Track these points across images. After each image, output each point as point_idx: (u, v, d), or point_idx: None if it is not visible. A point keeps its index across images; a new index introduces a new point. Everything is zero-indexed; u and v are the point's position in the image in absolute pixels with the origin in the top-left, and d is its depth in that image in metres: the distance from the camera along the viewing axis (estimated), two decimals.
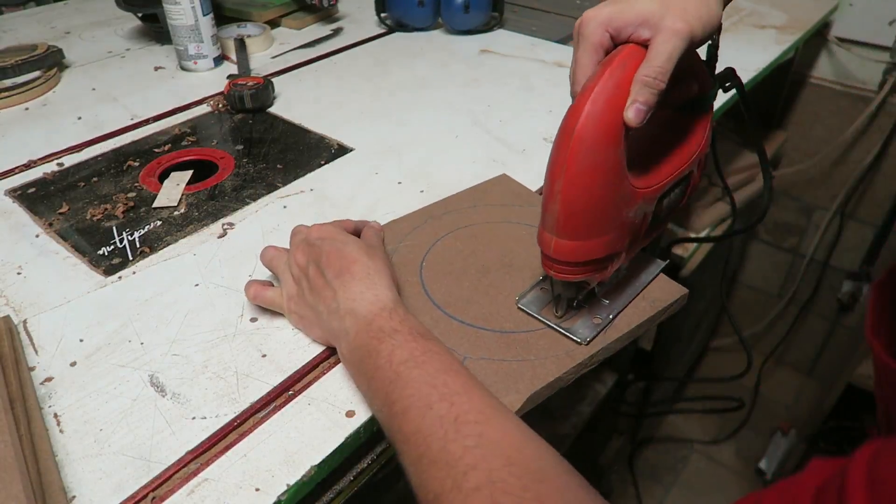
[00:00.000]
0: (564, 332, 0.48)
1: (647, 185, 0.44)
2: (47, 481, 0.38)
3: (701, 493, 1.54)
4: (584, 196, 0.40)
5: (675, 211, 0.50)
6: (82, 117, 0.82)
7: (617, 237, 0.43)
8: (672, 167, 0.46)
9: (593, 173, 0.39)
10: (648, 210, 0.45)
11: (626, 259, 0.47)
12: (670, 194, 0.47)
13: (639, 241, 0.48)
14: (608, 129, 0.38)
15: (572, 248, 0.42)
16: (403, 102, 0.85)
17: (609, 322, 0.49)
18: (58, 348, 0.49)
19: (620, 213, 0.42)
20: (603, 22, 0.41)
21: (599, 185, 0.40)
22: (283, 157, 0.73)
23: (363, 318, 0.42)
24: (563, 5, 1.21)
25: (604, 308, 0.50)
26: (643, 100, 0.38)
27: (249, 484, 0.39)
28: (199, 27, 0.89)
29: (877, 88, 1.31)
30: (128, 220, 0.63)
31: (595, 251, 0.42)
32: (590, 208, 0.40)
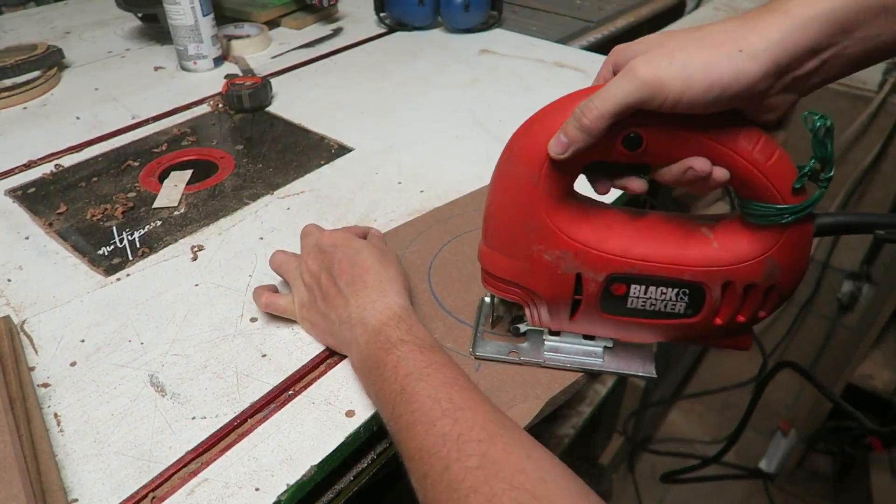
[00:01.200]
0: (474, 335, 0.48)
1: (586, 243, 0.39)
2: (47, 481, 0.38)
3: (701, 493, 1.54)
4: (495, 202, 0.40)
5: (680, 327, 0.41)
6: (82, 117, 0.82)
7: (527, 270, 0.41)
8: (653, 254, 0.38)
9: (507, 184, 0.39)
10: (588, 275, 0.40)
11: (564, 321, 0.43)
12: (646, 286, 0.39)
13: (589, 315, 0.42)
14: (533, 148, 0.37)
15: (491, 258, 0.42)
16: (403, 102, 0.85)
17: (516, 362, 0.47)
18: (58, 348, 0.49)
19: (530, 245, 0.39)
20: (613, 54, 0.37)
21: (510, 199, 0.39)
22: (282, 157, 0.73)
23: (372, 328, 0.42)
24: (563, 5, 1.21)
25: (533, 353, 0.47)
26: (567, 132, 0.35)
27: (249, 484, 0.39)
28: (198, 27, 0.89)
29: (877, 88, 1.31)
30: (128, 220, 0.63)
31: (502, 268, 0.42)
32: (498, 217, 0.41)
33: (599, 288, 0.40)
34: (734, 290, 0.38)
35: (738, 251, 0.37)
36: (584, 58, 0.98)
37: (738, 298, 0.39)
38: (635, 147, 0.35)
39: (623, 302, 0.40)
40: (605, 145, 0.35)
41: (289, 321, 0.51)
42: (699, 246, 0.38)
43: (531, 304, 0.43)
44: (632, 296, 0.40)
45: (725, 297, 0.39)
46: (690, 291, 0.39)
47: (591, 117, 0.34)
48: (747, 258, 0.37)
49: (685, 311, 0.40)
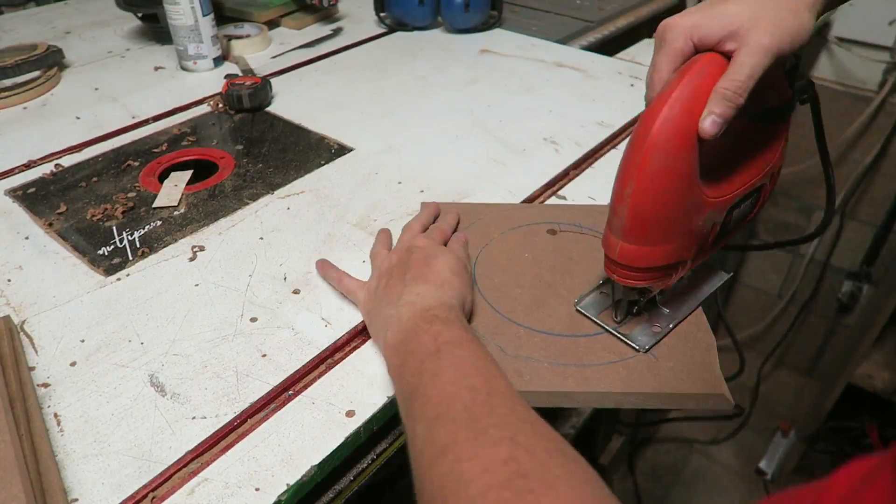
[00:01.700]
0: (622, 338, 0.48)
1: (718, 195, 0.43)
2: (47, 481, 0.38)
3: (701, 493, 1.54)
4: (654, 201, 0.40)
5: (745, 223, 0.49)
6: (82, 117, 0.82)
7: (684, 245, 0.42)
8: (745, 178, 0.45)
9: (666, 179, 0.39)
10: (718, 220, 0.44)
11: (691, 267, 0.46)
12: (741, 205, 0.46)
13: (705, 251, 0.46)
14: (683, 135, 0.38)
15: (638, 253, 0.42)
16: (403, 102, 0.85)
17: (668, 331, 0.48)
18: (58, 348, 0.49)
19: (690, 222, 0.41)
20: (687, 29, 0.39)
21: (671, 191, 0.39)
22: (283, 157, 0.73)
23: (419, 308, 0.43)
24: (563, 5, 1.21)
25: (664, 317, 0.49)
26: (720, 112, 0.37)
27: (249, 484, 0.39)
28: (198, 27, 0.89)
29: (877, 88, 1.31)
30: (128, 220, 0.63)
31: (662, 258, 0.42)
32: (659, 214, 0.40)
33: (720, 226, 0.45)
34: (774, 176, 0.47)
35: (774, 148, 0.46)
36: (584, 58, 0.98)
37: (773, 181, 0.48)
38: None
39: (727, 228, 0.46)
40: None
41: (289, 321, 0.51)
42: (755, 159, 0.46)
43: (673, 274, 0.45)
44: (734, 219, 0.46)
45: (770, 185, 0.48)
46: (758, 192, 0.47)
47: (742, 93, 0.37)
48: (779, 149, 0.46)
49: (751, 209, 0.48)
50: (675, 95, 0.38)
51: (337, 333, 0.50)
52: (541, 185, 0.67)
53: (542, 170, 0.70)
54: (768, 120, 0.46)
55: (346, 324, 0.50)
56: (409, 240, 0.52)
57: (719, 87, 0.37)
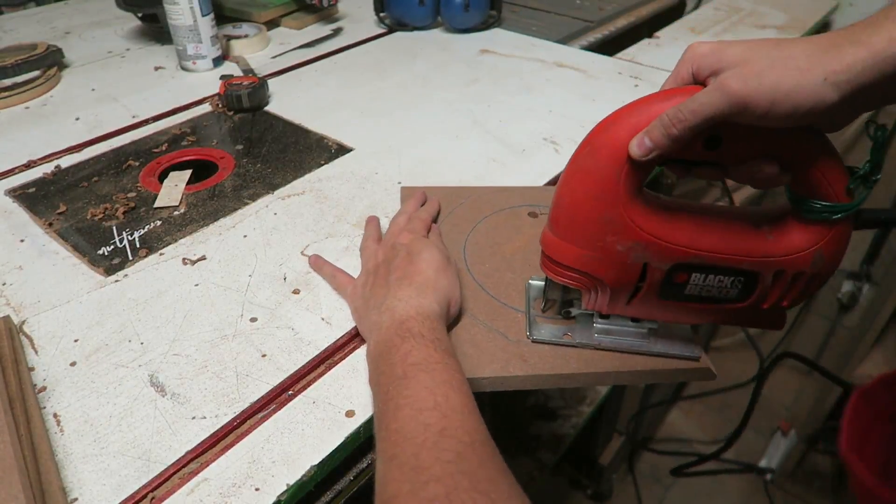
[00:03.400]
0: (527, 319, 0.50)
1: (657, 234, 0.40)
2: (47, 481, 0.38)
3: (701, 493, 1.54)
4: (571, 195, 0.41)
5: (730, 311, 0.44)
6: (82, 117, 0.82)
7: (597, 259, 0.42)
8: (716, 245, 0.41)
9: (586, 179, 0.40)
10: (653, 264, 0.41)
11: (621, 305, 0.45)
12: (705, 274, 0.42)
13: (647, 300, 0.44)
14: (615, 144, 0.38)
15: (552, 243, 0.43)
16: (403, 102, 0.85)
17: (572, 345, 0.48)
18: (58, 348, 0.49)
19: (604, 236, 0.41)
20: (694, 57, 0.37)
21: (587, 193, 0.40)
22: (282, 157, 0.73)
23: (398, 318, 0.43)
24: (563, 5, 1.21)
25: (587, 337, 0.49)
26: (652, 136, 0.36)
27: (249, 484, 0.39)
28: (197, 27, 0.89)
29: None
30: (128, 220, 0.63)
31: (571, 257, 0.42)
32: (573, 210, 0.41)
33: (663, 276, 0.42)
34: (784, 277, 0.42)
35: (791, 243, 0.40)
36: (584, 58, 0.98)
37: (787, 285, 0.42)
38: (714, 147, 0.38)
39: (682, 288, 0.43)
40: (685, 145, 0.37)
41: (289, 321, 0.51)
42: (756, 238, 0.41)
43: (592, 290, 0.44)
44: (691, 283, 0.43)
45: (775, 285, 0.42)
46: (745, 279, 0.42)
47: (679, 128, 0.35)
48: (799, 249, 0.40)
49: (737, 296, 0.43)
50: (627, 109, 0.39)
51: (337, 333, 0.50)
52: (541, 185, 0.67)
53: (542, 170, 0.70)
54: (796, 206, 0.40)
55: (346, 324, 0.50)
56: (395, 236, 0.53)
57: (662, 113, 0.36)
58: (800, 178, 0.38)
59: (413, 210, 0.59)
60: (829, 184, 0.38)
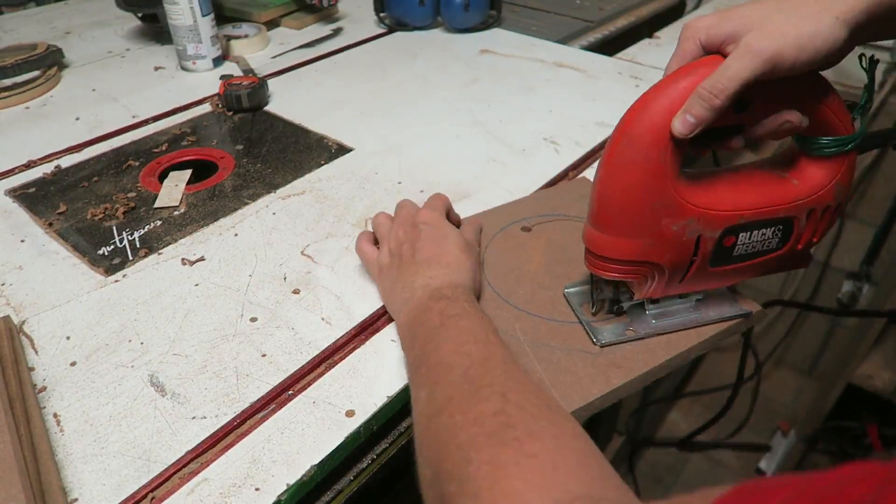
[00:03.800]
0: (587, 328, 0.48)
1: (706, 205, 0.41)
2: (47, 481, 0.38)
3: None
4: (617, 189, 0.40)
5: (770, 259, 0.45)
6: (82, 117, 0.82)
7: (652, 245, 0.42)
8: (757, 200, 0.42)
9: (631, 169, 0.39)
10: (709, 235, 0.42)
11: (675, 285, 0.45)
12: (750, 232, 0.43)
13: (699, 273, 0.44)
14: (654, 129, 0.38)
15: (602, 241, 0.42)
16: (403, 102, 0.85)
17: (639, 338, 0.47)
18: (58, 348, 0.49)
19: (659, 221, 0.40)
20: (697, 30, 0.38)
21: (636, 183, 0.39)
22: (282, 157, 0.73)
23: (433, 289, 0.44)
24: (563, 5, 1.21)
25: (646, 325, 0.48)
26: (694, 112, 0.36)
27: (249, 484, 0.39)
28: (197, 27, 0.89)
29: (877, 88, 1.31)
30: (128, 220, 0.63)
31: (625, 251, 0.42)
32: (622, 203, 0.41)
33: (714, 244, 0.43)
34: (815, 215, 0.44)
35: (815, 182, 0.42)
36: (584, 58, 0.98)
37: (817, 222, 0.44)
38: (744, 109, 0.38)
39: (730, 252, 0.44)
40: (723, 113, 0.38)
41: (289, 321, 0.51)
42: (785, 186, 0.43)
43: (648, 278, 0.44)
44: (739, 244, 0.44)
45: (808, 224, 0.44)
46: (784, 226, 0.44)
47: (722, 97, 0.36)
48: (822, 186, 0.42)
49: (777, 244, 0.45)
50: (657, 91, 0.38)
51: (337, 333, 0.50)
52: (541, 185, 0.67)
53: (542, 170, 0.70)
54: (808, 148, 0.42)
55: (346, 324, 0.50)
56: (413, 214, 0.53)
57: (698, 87, 0.36)
58: (814, 120, 0.40)
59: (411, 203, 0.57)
60: (838, 119, 0.40)
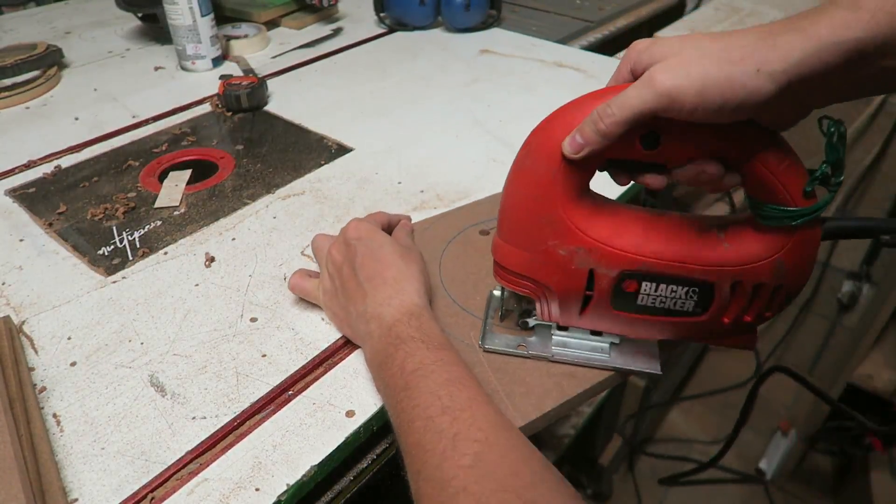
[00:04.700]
0: (483, 327, 0.49)
1: (600, 239, 0.39)
2: (47, 481, 0.38)
3: (701, 494, 1.54)
4: (511, 196, 0.41)
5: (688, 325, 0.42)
6: (82, 117, 0.82)
7: (539, 263, 0.41)
8: (666, 252, 0.39)
9: (524, 179, 0.40)
10: (600, 271, 0.40)
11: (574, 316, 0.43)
12: (657, 283, 0.40)
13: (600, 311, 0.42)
14: (550, 144, 0.38)
15: (499, 247, 0.43)
16: (403, 102, 0.85)
17: (525, 356, 0.47)
18: (58, 348, 0.49)
19: (545, 239, 0.40)
20: (632, 54, 0.37)
21: (525, 193, 0.40)
22: (282, 157, 0.73)
23: (385, 324, 0.43)
24: (563, 5, 1.21)
25: (541, 347, 0.47)
26: (582, 134, 0.36)
27: (249, 484, 0.39)
28: (197, 27, 0.89)
29: None
30: (128, 220, 0.63)
31: (513, 261, 0.42)
32: (512, 211, 0.41)
33: (611, 284, 0.40)
34: (743, 289, 0.39)
35: (749, 252, 0.38)
36: (584, 58, 0.98)
37: (747, 298, 0.39)
38: (653, 146, 0.36)
39: (633, 299, 0.41)
40: (623, 144, 0.36)
41: (289, 321, 0.51)
42: (711, 245, 0.39)
43: (542, 299, 0.44)
44: (643, 293, 0.40)
45: (734, 297, 0.40)
46: (700, 290, 0.39)
47: (607, 123, 0.35)
48: (757, 258, 0.38)
49: (694, 309, 0.41)
50: (565, 108, 0.38)
51: (337, 334, 0.50)
52: None
53: None
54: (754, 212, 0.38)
55: None
56: (344, 231, 0.50)
57: (594, 110, 0.36)
58: (751, 181, 0.36)
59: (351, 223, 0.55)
60: (785, 186, 0.35)
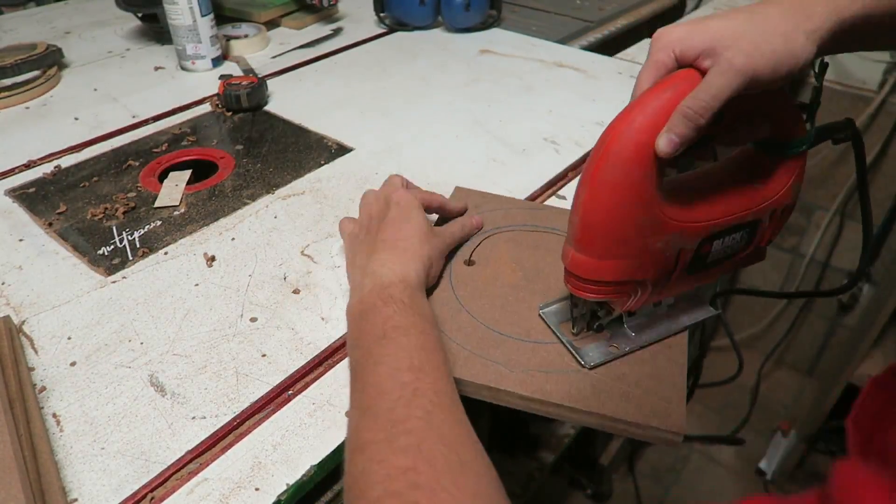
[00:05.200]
0: (571, 349, 0.47)
1: (686, 220, 0.41)
2: (47, 481, 0.38)
3: (701, 493, 1.54)
4: (603, 214, 0.39)
5: (736, 260, 0.46)
6: (82, 117, 0.82)
7: (638, 264, 0.41)
8: (727, 209, 0.42)
9: (617, 193, 0.38)
10: (687, 247, 0.42)
11: (656, 295, 0.45)
12: (723, 238, 0.44)
13: (677, 281, 0.44)
14: (640, 151, 0.37)
15: (587, 264, 0.41)
16: (403, 102, 0.85)
17: (624, 353, 0.46)
18: (57, 348, 0.49)
19: (645, 240, 0.40)
20: (671, 42, 0.38)
21: (622, 206, 0.39)
22: (282, 157, 0.73)
23: (380, 283, 0.45)
24: (563, 5, 1.21)
25: (626, 339, 0.47)
26: (678, 132, 0.36)
27: (249, 483, 0.39)
28: (196, 27, 0.89)
29: (877, 88, 1.31)
30: (128, 220, 0.63)
31: (612, 273, 0.41)
32: (608, 228, 0.40)
33: (692, 254, 0.43)
34: (776, 215, 0.45)
35: (776, 184, 0.44)
36: (584, 58, 0.98)
37: (778, 221, 0.45)
38: (718, 121, 0.38)
39: (705, 259, 0.45)
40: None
41: (289, 321, 0.51)
42: (750, 191, 0.43)
43: (632, 294, 0.44)
44: (714, 250, 0.44)
45: (770, 224, 0.45)
46: (751, 228, 0.45)
47: (707, 116, 0.36)
48: (784, 187, 0.43)
49: (744, 245, 0.46)
50: (638, 109, 0.38)
51: (337, 333, 0.50)
52: (541, 185, 0.67)
53: (542, 170, 0.70)
54: (770, 152, 0.43)
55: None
56: (391, 188, 0.55)
57: (681, 106, 0.36)
58: (779, 124, 0.42)
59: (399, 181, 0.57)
60: (795, 123, 0.42)
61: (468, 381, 0.44)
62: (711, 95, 0.35)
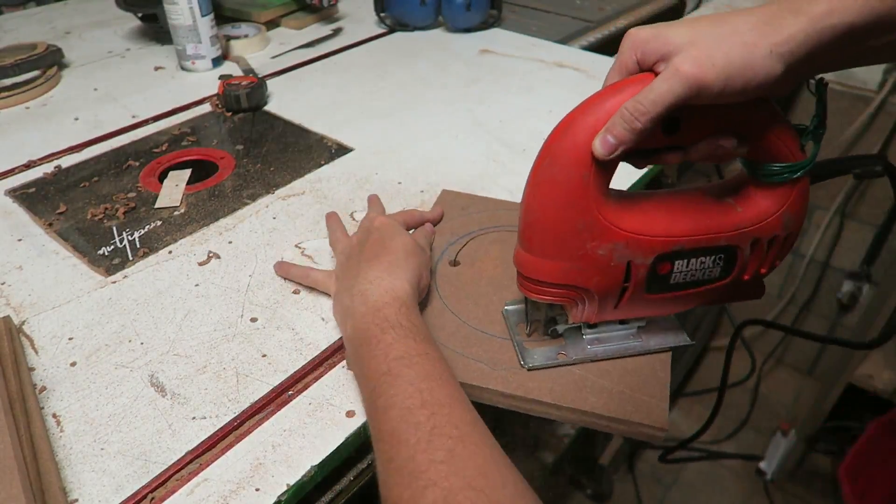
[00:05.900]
0: (517, 348, 0.47)
1: (635, 230, 0.40)
2: (47, 482, 0.38)
3: (701, 493, 1.54)
4: (541, 209, 0.40)
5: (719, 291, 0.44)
6: (82, 117, 0.82)
7: (579, 269, 0.40)
8: (693, 227, 0.40)
9: (554, 189, 0.39)
10: (637, 261, 0.41)
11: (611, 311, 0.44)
12: (687, 259, 0.41)
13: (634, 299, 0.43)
14: (577, 148, 0.37)
15: (529, 262, 0.42)
16: (403, 102, 0.85)
17: (570, 363, 0.46)
18: (58, 348, 0.49)
19: (583, 244, 0.39)
20: (636, 44, 0.37)
21: (559, 203, 0.39)
22: (282, 157, 0.73)
23: (372, 304, 0.43)
24: (563, 5, 1.21)
25: (579, 350, 0.46)
26: (615, 133, 0.36)
27: (249, 484, 0.39)
28: (196, 27, 0.89)
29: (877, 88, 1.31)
30: (128, 220, 0.63)
31: (551, 273, 0.41)
32: (545, 223, 0.40)
33: (647, 271, 0.41)
34: (760, 245, 0.42)
35: (760, 210, 0.41)
36: (584, 58, 0.98)
37: (764, 252, 0.42)
38: (673, 132, 0.37)
39: (667, 279, 0.42)
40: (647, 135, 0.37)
41: (289, 321, 0.51)
42: (727, 212, 0.41)
43: (578, 302, 0.43)
44: (675, 272, 0.42)
45: (753, 254, 0.42)
46: (725, 255, 0.42)
47: (643, 120, 0.35)
48: (768, 214, 0.41)
49: (720, 274, 0.43)
50: (582, 108, 0.38)
51: (337, 334, 0.50)
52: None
53: None
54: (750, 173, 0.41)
55: None
56: (370, 221, 0.53)
57: (622, 108, 0.36)
58: (757, 147, 0.39)
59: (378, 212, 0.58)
60: (785, 145, 0.38)
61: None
62: (651, 100, 0.34)
